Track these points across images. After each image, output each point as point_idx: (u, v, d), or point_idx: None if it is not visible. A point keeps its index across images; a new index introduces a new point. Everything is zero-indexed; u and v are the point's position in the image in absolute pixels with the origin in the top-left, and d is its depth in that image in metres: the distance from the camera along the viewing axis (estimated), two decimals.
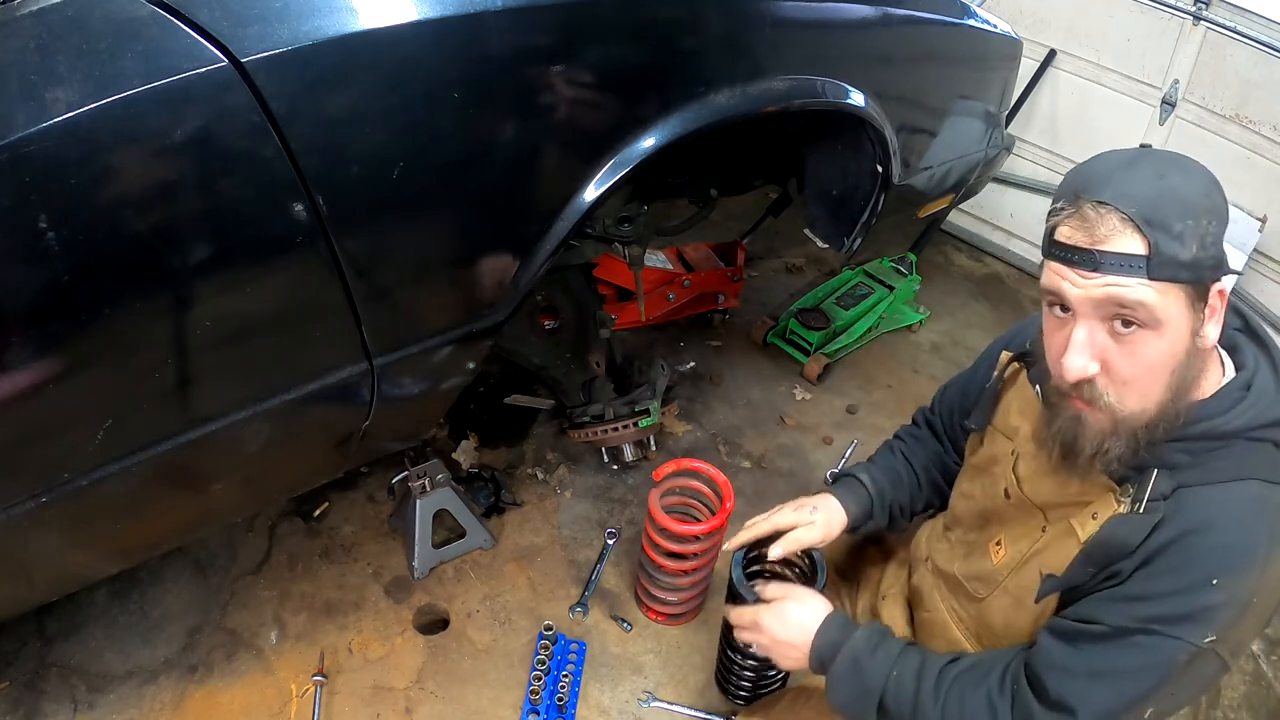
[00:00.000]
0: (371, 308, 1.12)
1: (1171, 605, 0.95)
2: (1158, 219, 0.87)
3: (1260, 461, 0.97)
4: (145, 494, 1.12)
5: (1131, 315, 0.89)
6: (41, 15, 0.84)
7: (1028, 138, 3.11)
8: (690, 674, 1.76)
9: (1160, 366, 0.92)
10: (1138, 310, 0.89)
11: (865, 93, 1.58)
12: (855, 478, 1.44)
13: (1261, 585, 0.96)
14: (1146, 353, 0.91)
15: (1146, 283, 0.88)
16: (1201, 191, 0.89)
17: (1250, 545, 0.95)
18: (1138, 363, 0.92)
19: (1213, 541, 0.94)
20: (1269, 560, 0.95)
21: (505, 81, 1.11)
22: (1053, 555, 1.09)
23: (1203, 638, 0.94)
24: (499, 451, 2.20)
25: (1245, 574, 0.94)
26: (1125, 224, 0.88)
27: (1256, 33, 2.49)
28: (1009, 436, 1.21)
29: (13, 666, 1.60)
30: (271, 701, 1.60)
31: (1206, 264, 0.88)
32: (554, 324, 2.09)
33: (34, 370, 0.89)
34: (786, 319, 2.67)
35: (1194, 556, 0.95)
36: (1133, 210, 0.87)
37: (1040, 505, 1.13)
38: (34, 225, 0.82)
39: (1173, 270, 0.87)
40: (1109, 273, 0.88)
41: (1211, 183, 0.91)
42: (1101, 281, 0.89)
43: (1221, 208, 0.90)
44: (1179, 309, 0.90)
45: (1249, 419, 0.96)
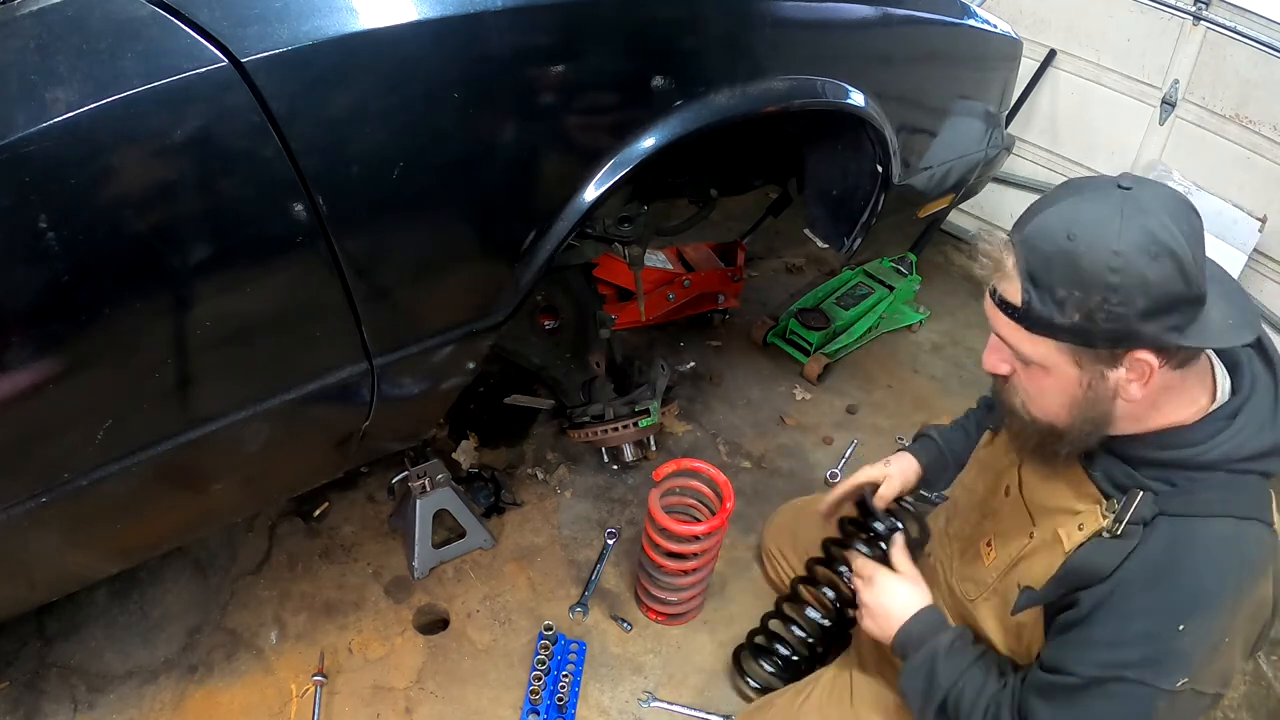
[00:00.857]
0: (371, 308, 1.12)
1: (1139, 651, 0.95)
2: (1042, 278, 0.90)
3: (1239, 497, 0.96)
4: (145, 494, 1.12)
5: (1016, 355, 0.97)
6: (41, 15, 0.84)
7: (1028, 138, 3.10)
8: (690, 674, 1.76)
9: (1052, 397, 0.98)
10: (1013, 348, 0.97)
11: (865, 93, 1.58)
12: (926, 435, 1.55)
13: (1233, 623, 0.95)
14: (1036, 381, 0.98)
15: (1021, 331, 0.94)
16: (1109, 265, 0.86)
17: (1217, 588, 0.94)
18: (1032, 385, 0.99)
19: (1180, 583, 0.95)
20: (1239, 598, 0.95)
21: (505, 81, 1.11)
22: (1037, 563, 1.09)
23: (1175, 682, 0.94)
24: (499, 451, 2.20)
25: (1212, 615, 0.94)
26: (1015, 271, 0.92)
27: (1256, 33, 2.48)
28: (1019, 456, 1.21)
29: (13, 666, 1.60)
30: (271, 701, 1.60)
31: (1097, 333, 0.89)
32: (554, 324, 2.08)
33: (34, 370, 0.89)
34: (786, 319, 2.67)
35: (1160, 599, 0.95)
36: (1025, 261, 0.91)
37: (1033, 509, 1.13)
38: (34, 225, 0.82)
39: (1048, 330, 0.91)
40: (999, 309, 0.96)
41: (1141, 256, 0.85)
42: (994, 314, 0.97)
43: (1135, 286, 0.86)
44: (1061, 361, 0.93)
45: (1226, 452, 0.96)
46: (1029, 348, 0.94)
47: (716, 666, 1.78)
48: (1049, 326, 0.91)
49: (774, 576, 1.86)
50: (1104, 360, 0.92)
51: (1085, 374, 0.93)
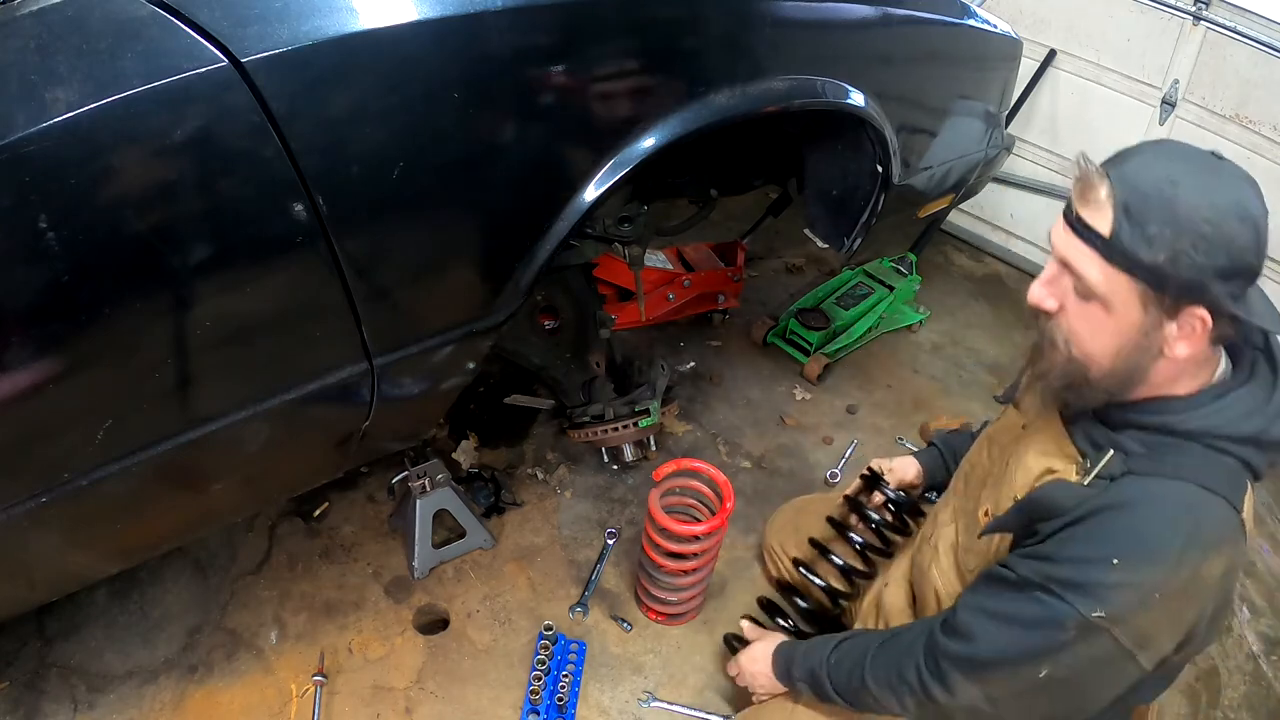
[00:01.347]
0: (371, 308, 1.12)
1: (1070, 571, 1.00)
2: (1137, 213, 0.90)
3: (1211, 471, 0.98)
4: (145, 494, 1.12)
5: (1077, 282, 0.96)
6: (41, 15, 0.84)
7: (1028, 138, 3.11)
8: (690, 674, 1.76)
9: (1103, 339, 0.98)
10: (1081, 279, 0.95)
11: (865, 93, 1.58)
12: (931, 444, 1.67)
13: (1169, 583, 0.97)
14: (1091, 319, 0.97)
15: (1098, 261, 0.93)
16: (1205, 215, 0.88)
17: (1162, 539, 0.97)
18: (1083, 323, 0.98)
19: (1126, 523, 0.98)
20: (1182, 560, 0.96)
21: (505, 82, 1.11)
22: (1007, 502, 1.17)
23: (1091, 610, 0.97)
24: (499, 451, 2.20)
25: (1149, 564, 0.96)
26: (1108, 201, 0.91)
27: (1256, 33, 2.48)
28: (1024, 414, 1.24)
29: (13, 666, 1.60)
30: (271, 701, 1.60)
31: (1173, 279, 0.90)
32: (554, 324, 2.08)
33: (34, 370, 0.89)
34: (786, 319, 2.67)
35: (1104, 532, 0.99)
36: (1121, 194, 0.91)
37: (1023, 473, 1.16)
38: (34, 225, 0.82)
39: (1128, 264, 0.91)
40: (1076, 235, 0.95)
41: (1232, 217, 0.88)
42: (1071, 240, 0.96)
43: (1221, 241, 0.88)
44: (1127, 301, 0.93)
45: (1207, 424, 0.98)
46: (1101, 281, 0.93)
47: (716, 666, 1.78)
48: (1131, 261, 0.91)
49: (775, 575, 1.86)
50: (1166, 310, 0.93)
51: (1146, 319, 0.94)
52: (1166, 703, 1.84)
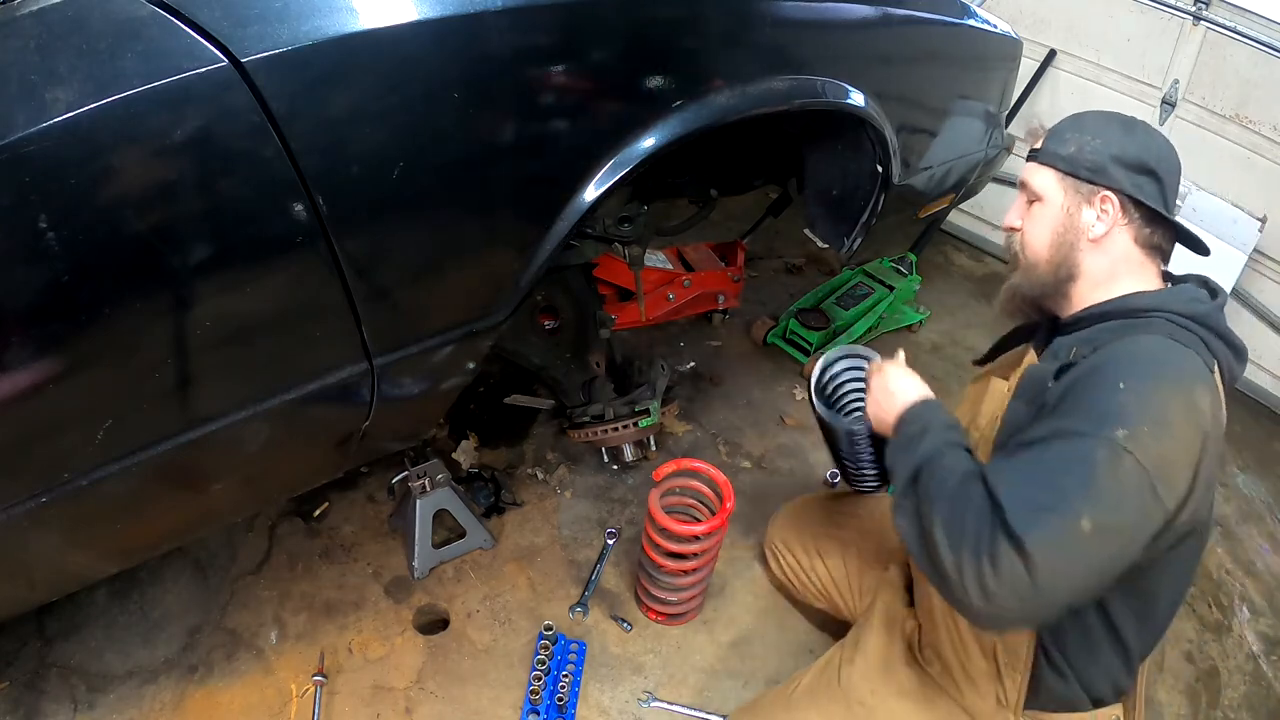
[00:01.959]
0: (371, 308, 1.12)
1: (1085, 411, 1.04)
2: (1058, 130, 1.25)
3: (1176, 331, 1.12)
4: (145, 494, 1.12)
5: (1028, 191, 1.27)
6: (41, 15, 0.84)
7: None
8: (690, 674, 1.76)
9: (1044, 228, 1.25)
10: (1028, 186, 1.27)
11: (865, 93, 1.58)
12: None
13: (1171, 401, 1.03)
14: (1034, 218, 1.27)
15: (1034, 166, 1.26)
16: (1099, 124, 1.22)
17: (1158, 361, 1.08)
18: (1030, 224, 1.28)
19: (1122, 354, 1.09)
20: (1178, 382, 1.05)
21: (505, 82, 1.11)
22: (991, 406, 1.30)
23: (1112, 430, 0.99)
24: (499, 451, 2.20)
25: (1151, 380, 1.04)
26: (1043, 132, 1.28)
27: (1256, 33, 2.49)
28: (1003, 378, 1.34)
29: (13, 666, 1.60)
30: (271, 701, 1.60)
31: (1080, 162, 1.20)
32: (554, 324, 2.08)
33: (34, 370, 0.89)
34: (786, 319, 2.67)
35: (1106, 371, 1.07)
36: (1052, 127, 1.27)
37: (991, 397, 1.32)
38: (34, 225, 0.82)
39: (1050, 158, 1.23)
40: (1030, 160, 1.28)
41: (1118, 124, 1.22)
42: (1025, 167, 1.29)
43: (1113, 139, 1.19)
44: (1053, 187, 1.23)
45: (1159, 302, 1.16)
46: (1036, 178, 1.25)
47: (716, 666, 1.78)
48: (1051, 156, 1.23)
49: (778, 573, 1.86)
50: (1084, 195, 1.21)
51: (1068, 200, 1.22)
52: (1166, 703, 1.84)
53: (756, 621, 1.87)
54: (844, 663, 1.46)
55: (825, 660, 1.51)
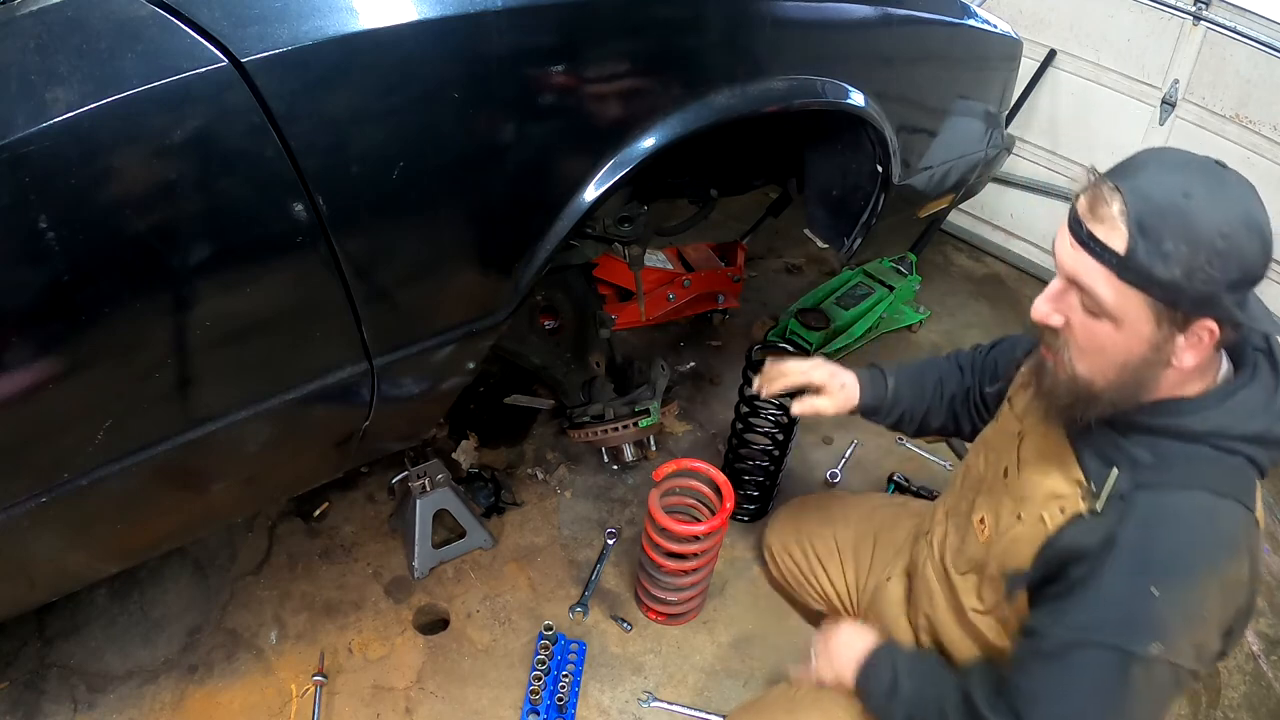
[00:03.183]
0: (371, 308, 1.12)
1: (1114, 613, 0.98)
2: (1152, 228, 0.88)
3: (1220, 474, 0.98)
4: (145, 494, 1.12)
5: (1085, 298, 0.94)
6: (41, 15, 0.84)
7: (1028, 138, 3.11)
8: (690, 674, 1.76)
9: (1112, 355, 0.96)
10: (1091, 297, 0.93)
11: (865, 93, 1.58)
12: (883, 373, 1.51)
13: (1208, 596, 0.96)
14: (1099, 335, 0.96)
15: (1111, 279, 0.91)
16: (1219, 230, 0.87)
17: (1192, 557, 0.97)
18: (1090, 339, 0.97)
19: (1154, 549, 0.97)
20: (1214, 571, 0.96)
21: (505, 82, 1.11)
22: (1023, 547, 1.12)
23: (1147, 646, 0.95)
24: (499, 451, 2.20)
25: (1187, 585, 0.96)
26: (1121, 217, 0.89)
27: (1256, 33, 2.48)
28: (1019, 419, 1.22)
29: (13, 666, 1.60)
30: (271, 701, 1.60)
31: (1189, 294, 0.89)
32: (554, 324, 2.08)
33: (34, 370, 0.89)
34: (786, 319, 2.67)
35: (1135, 563, 0.97)
36: (1135, 208, 0.88)
37: (1026, 492, 1.15)
38: (34, 225, 0.82)
39: (1142, 281, 0.89)
40: (1086, 253, 0.92)
41: (1242, 228, 0.88)
42: (1080, 257, 0.93)
43: (1234, 255, 0.87)
44: (1140, 316, 0.92)
45: (1217, 425, 0.98)
46: (1113, 298, 0.92)
47: (716, 666, 1.78)
48: (1146, 278, 0.89)
49: (777, 575, 1.86)
50: (1178, 324, 0.92)
51: (1158, 334, 0.93)
52: None
53: (756, 621, 1.87)
54: None
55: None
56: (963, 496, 1.33)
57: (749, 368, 1.87)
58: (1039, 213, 3.19)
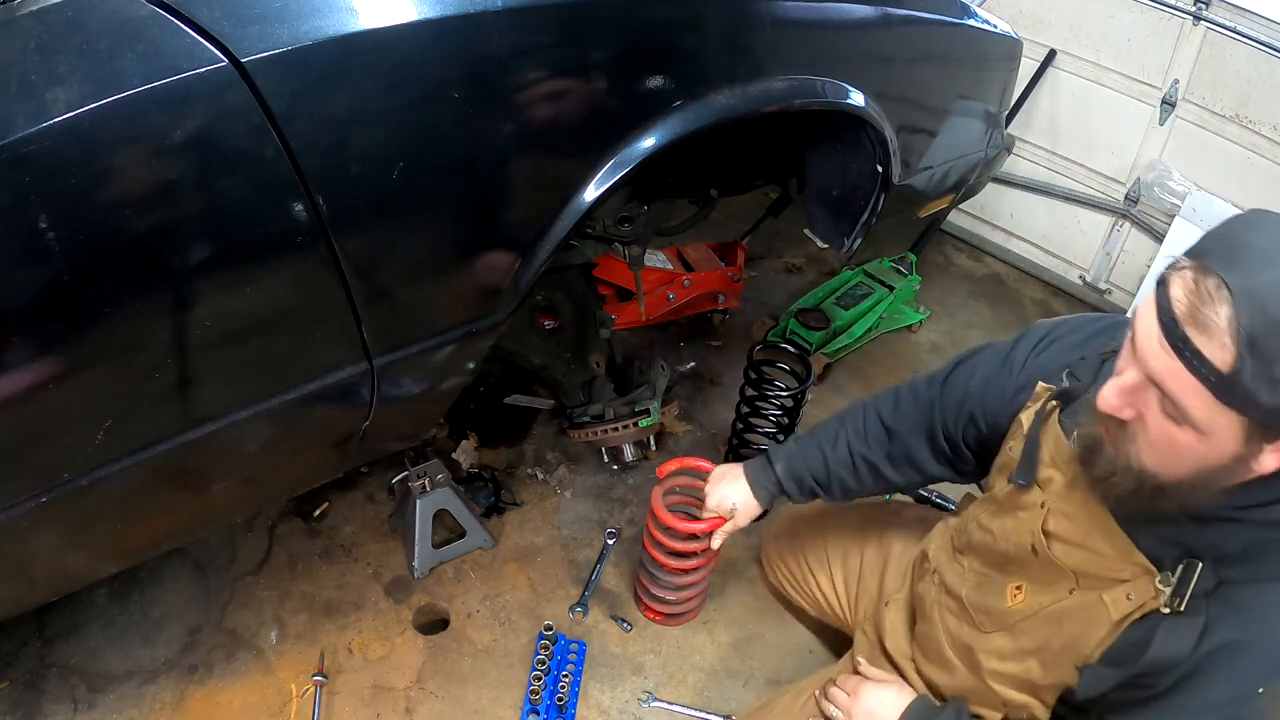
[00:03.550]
0: (371, 308, 1.12)
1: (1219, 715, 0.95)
2: (1264, 349, 0.74)
3: None
4: (145, 494, 1.12)
5: (1169, 406, 0.83)
6: (41, 15, 0.84)
7: (1028, 138, 3.11)
8: (690, 674, 1.76)
9: (1188, 460, 0.86)
10: (1179, 407, 0.81)
11: (865, 93, 1.58)
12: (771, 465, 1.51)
13: None
14: (1177, 441, 0.84)
15: (1206, 396, 0.78)
16: None
17: None
18: (1166, 441, 0.85)
19: (1257, 653, 0.92)
20: None
21: (505, 82, 1.11)
22: (1078, 624, 1.06)
23: None
24: (499, 451, 2.20)
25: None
26: (1229, 328, 0.75)
27: (1256, 33, 2.48)
28: (1040, 486, 1.12)
29: (13, 666, 1.60)
30: (271, 701, 1.60)
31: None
32: (554, 324, 2.08)
33: (34, 370, 0.89)
34: (786, 319, 2.67)
35: (1240, 669, 0.93)
36: (1247, 321, 0.74)
37: (1072, 570, 1.07)
38: (34, 225, 0.82)
39: (1240, 404, 0.77)
40: (1180, 360, 0.79)
41: None
42: (1168, 362, 0.80)
43: None
44: (1230, 432, 0.80)
45: None
46: (1203, 414, 0.79)
47: (716, 666, 1.78)
48: (1246, 402, 0.76)
49: (773, 580, 1.86)
50: (1270, 438, 0.80)
51: (1245, 450, 0.81)
52: None
53: (756, 621, 1.87)
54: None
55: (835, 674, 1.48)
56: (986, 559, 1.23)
57: (749, 368, 1.87)
58: (1039, 213, 3.19)
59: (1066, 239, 3.16)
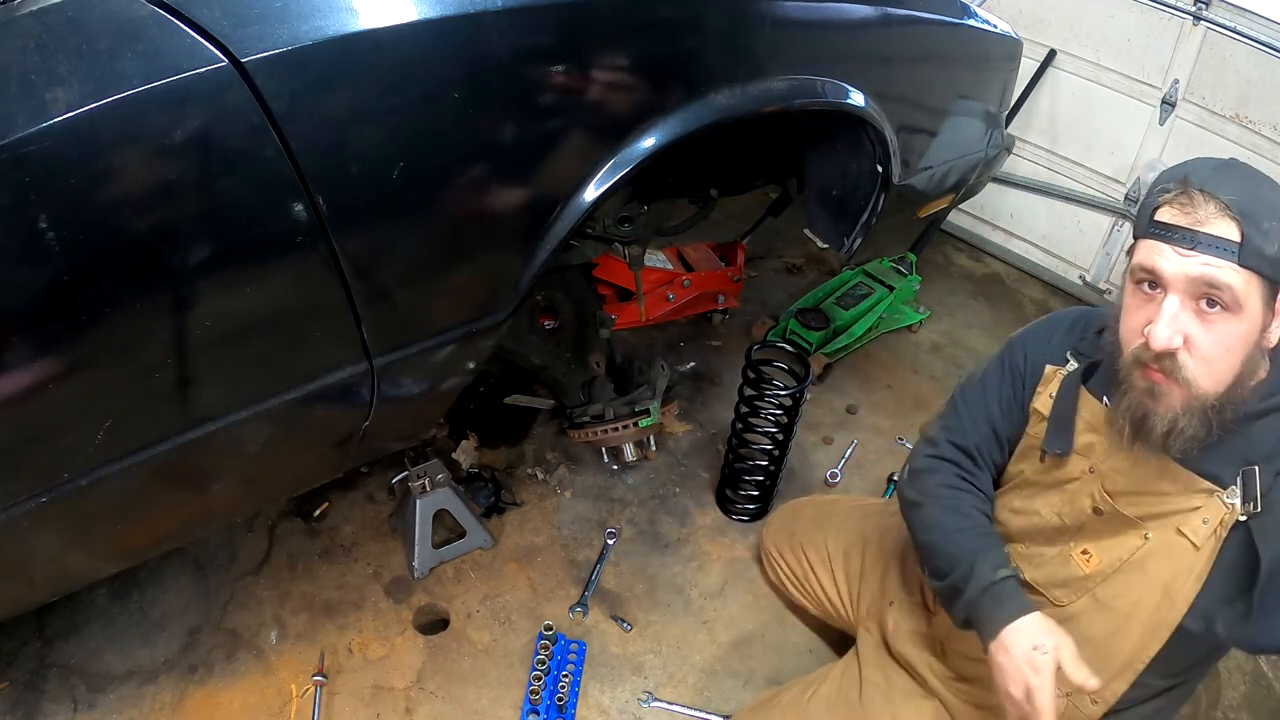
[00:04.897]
0: (371, 308, 1.12)
1: None
2: (1251, 214, 0.95)
3: None
4: (145, 494, 1.12)
5: (1218, 295, 0.96)
6: (41, 15, 0.84)
7: (1028, 138, 3.11)
8: (690, 674, 1.76)
9: (1236, 348, 0.99)
10: (1225, 291, 0.96)
11: (865, 93, 1.58)
12: (1004, 579, 1.18)
13: None
14: (1225, 333, 0.98)
15: (1235, 267, 0.95)
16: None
17: None
18: (1217, 342, 0.98)
19: None
20: None
21: (505, 82, 1.11)
22: (1165, 563, 1.11)
23: None
24: (499, 451, 2.20)
25: None
26: (1223, 212, 0.95)
27: (1256, 33, 2.48)
28: (1082, 454, 1.19)
29: (13, 666, 1.60)
30: (271, 701, 1.60)
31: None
32: (554, 324, 2.09)
33: (34, 370, 0.89)
34: (786, 319, 2.67)
35: None
36: (1232, 201, 0.95)
37: (1139, 517, 1.12)
38: (34, 225, 0.82)
39: (1258, 261, 0.95)
40: (1204, 252, 0.96)
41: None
42: (1198, 260, 0.96)
43: None
44: (1257, 299, 0.97)
45: None
46: (1241, 284, 0.95)
47: (716, 666, 1.78)
48: (1260, 258, 0.95)
49: (774, 578, 1.86)
50: (1274, 297, 0.99)
51: (1266, 316, 0.99)
52: None
53: (756, 621, 1.87)
54: (865, 682, 1.44)
55: (841, 672, 1.50)
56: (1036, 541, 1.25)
57: (748, 367, 1.87)
58: (1039, 213, 3.19)
59: (1066, 239, 3.16)
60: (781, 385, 1.88)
